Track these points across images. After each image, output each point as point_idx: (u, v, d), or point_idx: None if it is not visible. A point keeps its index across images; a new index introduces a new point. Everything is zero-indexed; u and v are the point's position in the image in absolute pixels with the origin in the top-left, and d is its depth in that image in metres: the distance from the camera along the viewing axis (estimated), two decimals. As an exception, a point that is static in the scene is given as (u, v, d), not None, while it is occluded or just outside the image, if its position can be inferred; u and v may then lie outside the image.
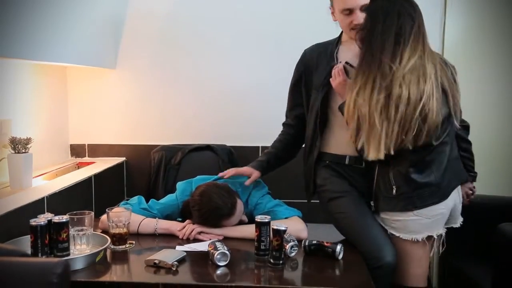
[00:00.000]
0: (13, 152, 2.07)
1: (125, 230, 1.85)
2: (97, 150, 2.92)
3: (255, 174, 2.13)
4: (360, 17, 1.90)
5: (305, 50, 2.17)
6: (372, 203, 1.95)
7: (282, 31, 2.78)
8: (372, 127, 1.71)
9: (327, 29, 2.06)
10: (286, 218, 2.00)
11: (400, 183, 1.83)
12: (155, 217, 2.04)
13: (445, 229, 1.91)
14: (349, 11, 1.93)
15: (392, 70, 1.70)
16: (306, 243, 1.81)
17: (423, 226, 1.84)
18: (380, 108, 1.70)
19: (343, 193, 2.01)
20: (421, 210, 1.82)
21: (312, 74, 2.10)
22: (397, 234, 1.86)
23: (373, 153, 1.73)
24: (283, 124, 2.25)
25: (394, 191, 1.83)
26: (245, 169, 2.15)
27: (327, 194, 2.04)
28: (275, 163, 2.19)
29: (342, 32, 2.10)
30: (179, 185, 2.19)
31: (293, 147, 2.24)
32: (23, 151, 2.08)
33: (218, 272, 1.66)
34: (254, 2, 2.78)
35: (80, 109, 2.90)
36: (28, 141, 2.10)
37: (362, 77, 1.74)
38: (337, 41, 2.10)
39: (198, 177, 2.20)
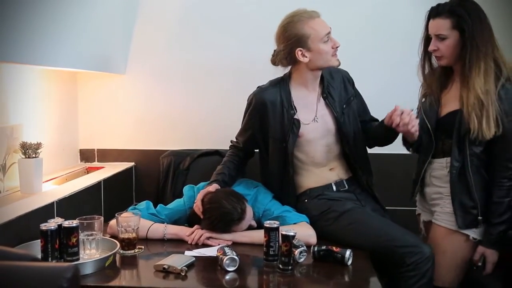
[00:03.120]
0: (24, 157, 2.08)
1: (134, 235, 1.85)
2: (106, 155, 2.93)
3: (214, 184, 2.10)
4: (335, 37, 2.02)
5: (254, 96, 2.17)
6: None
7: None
8: (488, 108, 1.83)
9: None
10: (295, 223, 1.99)
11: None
12: (163, 222, 2.05)
13: None
14: (328, 36, 2.01)
15: (496, 57, 1.87)
16: (315, 249, 1.80)
17: None
18: (492, 89, 1.84)
19: (351, 208, 2.04)
20: None
21: (266, 121, 2.13)
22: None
23: (490, 130, 1.83)
24: (232, 146, 2.32)
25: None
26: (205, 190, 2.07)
27: (332, 214, 2.03)
28: (228, 182, 2.18)
29: (288, 75, 2.14)
30: (186, 190, 2.19)
31: (242, 169, 2.32)
32: (34, 156, 2.09)
33: (227, 277, 1.65)
34: (265, 9, 2.78)
35: (89, 114, 2.91)
36: (38, 146, 2.11)
37: (475, 70, 1.85)
38: (287, 86, 2.11)
39: (201, 184, 2.20)
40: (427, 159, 2.01)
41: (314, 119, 2.11)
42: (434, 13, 1.91)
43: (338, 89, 2.17)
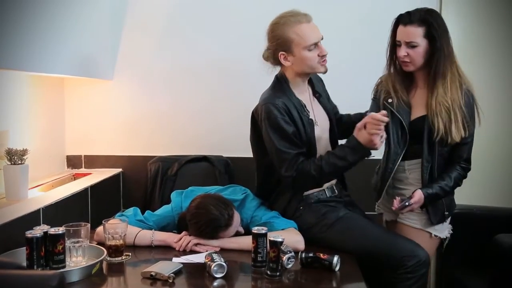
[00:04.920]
0: (9, 163, 2.06)
1: (121, 242, 1.84)
2: (93, 161, 2.91)
3: None
4: (323, 46, 1.99)
5: (272, 104, 1.98)
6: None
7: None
8: (456, 113, 1.94)
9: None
10: (282, 229, 1.99)
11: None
12: (151, 229, 2.04)
13: None
14: (315, 45, 1.97)
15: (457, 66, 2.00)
16: (303, 255, 1.80)
17: None
18: (458, 96, 1.95)
19: (344, 214, 2.04)
20: None
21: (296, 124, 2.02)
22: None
23: (459, 133, 1.94)
24: (303, 161, 1.98)
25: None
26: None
27: (325, 222, 2.02)
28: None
29: (284, 77, 2.07)
30: (174, 196, 2.19)
31: None
32: (19, 162, 2.07)
33: (215, 284, 1.65)
34: (252, 13, 2.78)
35: (76, 120, 2.90)
36: (24, 152, 2.10)
37: (443, 78, 1.95)
38: (290, 89, 2.05)
39: (189, 188, 2.19)
40: (395, 164, 2.03)
41: (314, 120, 2.08)
42: (406, 20, 1.96)
43: (318, 86, 2.19)
